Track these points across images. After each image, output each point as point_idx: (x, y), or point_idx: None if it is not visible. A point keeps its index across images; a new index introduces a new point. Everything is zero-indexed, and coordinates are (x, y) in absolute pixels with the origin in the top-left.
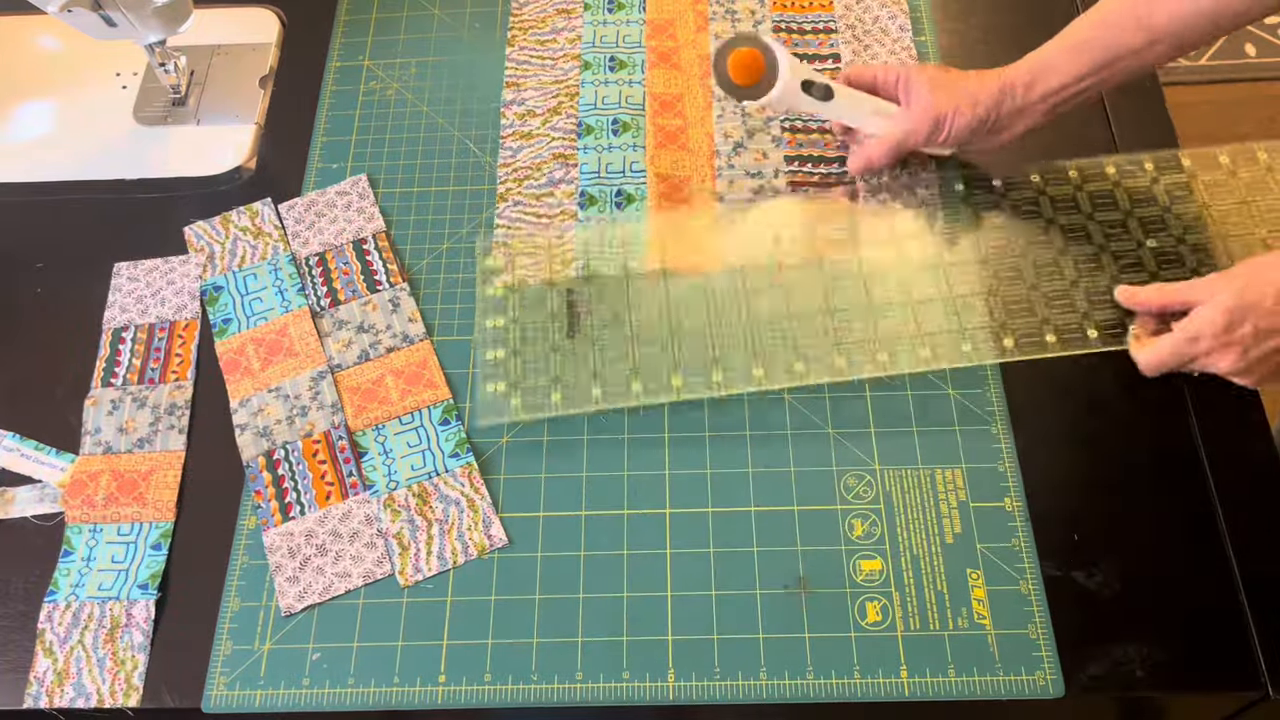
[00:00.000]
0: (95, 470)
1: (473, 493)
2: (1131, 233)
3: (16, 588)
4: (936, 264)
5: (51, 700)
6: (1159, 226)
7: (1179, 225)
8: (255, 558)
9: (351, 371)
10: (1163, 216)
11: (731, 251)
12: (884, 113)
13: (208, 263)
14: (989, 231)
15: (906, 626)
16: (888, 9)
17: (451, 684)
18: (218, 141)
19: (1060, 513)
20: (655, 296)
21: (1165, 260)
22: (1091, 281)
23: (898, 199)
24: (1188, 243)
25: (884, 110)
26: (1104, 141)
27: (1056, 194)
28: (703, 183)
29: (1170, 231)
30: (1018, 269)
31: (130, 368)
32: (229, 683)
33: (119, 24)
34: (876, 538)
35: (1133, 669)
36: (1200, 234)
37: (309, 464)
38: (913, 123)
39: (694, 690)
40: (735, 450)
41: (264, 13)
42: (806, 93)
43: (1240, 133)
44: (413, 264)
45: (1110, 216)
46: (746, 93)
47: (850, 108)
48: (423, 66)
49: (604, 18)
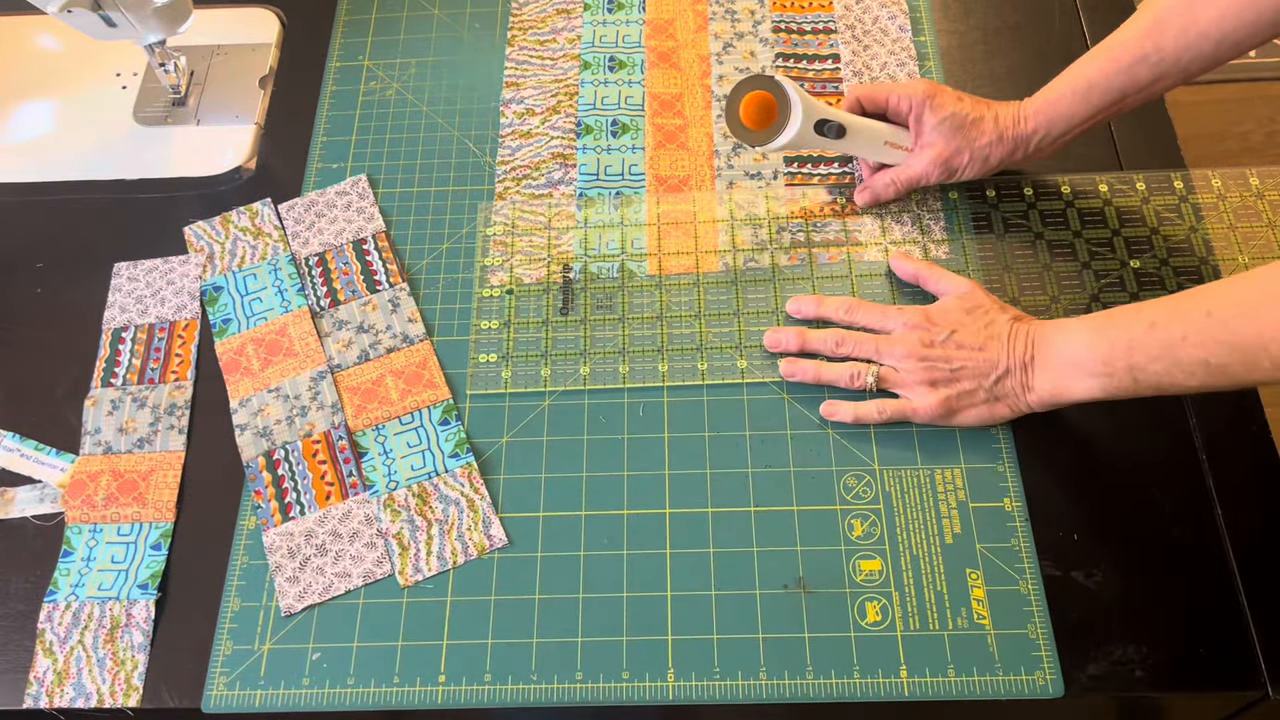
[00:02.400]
0: (95, 470)
1: (472, 493)
2: (1117, 252)
3: (16, 588)
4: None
5: (51, 700)
6: (1145, 248)
7: (1164, 248)
8: (255, 558)
9: (351, 372)
10: (1150, 238)
11: (725, 244)
12: (897, 143)
13: (208, 263)
14: (977, 241)
15: (906, 626)
16: (888, 9)
17: (451, 684)
18: (218, 141)
19: (1060, 513)
20: (648, 284)
21: (1146, 281)
22: (1071, 299)
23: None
24: (1171, 265)
25: (897, 141)
26: (1103, 139)
27: (1047, 208)
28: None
29: (1155, 253)
30: (1002, 282)
31: (130, 368)
32: (229, 683)
33: (119, 24)
34: (876, 538)
35: (1132, 669)
36: (1184, 257)
37: (309, 464)
38: (924, 167)
39: (694, 690)
40: (735, 450)
41: (264, 13)
42: (820, 133)
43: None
44: (413, 264)
45: (1098, 234)
46: (758, 137)
47: (864, 143)
48: (423, 66)
49: (604, 18)
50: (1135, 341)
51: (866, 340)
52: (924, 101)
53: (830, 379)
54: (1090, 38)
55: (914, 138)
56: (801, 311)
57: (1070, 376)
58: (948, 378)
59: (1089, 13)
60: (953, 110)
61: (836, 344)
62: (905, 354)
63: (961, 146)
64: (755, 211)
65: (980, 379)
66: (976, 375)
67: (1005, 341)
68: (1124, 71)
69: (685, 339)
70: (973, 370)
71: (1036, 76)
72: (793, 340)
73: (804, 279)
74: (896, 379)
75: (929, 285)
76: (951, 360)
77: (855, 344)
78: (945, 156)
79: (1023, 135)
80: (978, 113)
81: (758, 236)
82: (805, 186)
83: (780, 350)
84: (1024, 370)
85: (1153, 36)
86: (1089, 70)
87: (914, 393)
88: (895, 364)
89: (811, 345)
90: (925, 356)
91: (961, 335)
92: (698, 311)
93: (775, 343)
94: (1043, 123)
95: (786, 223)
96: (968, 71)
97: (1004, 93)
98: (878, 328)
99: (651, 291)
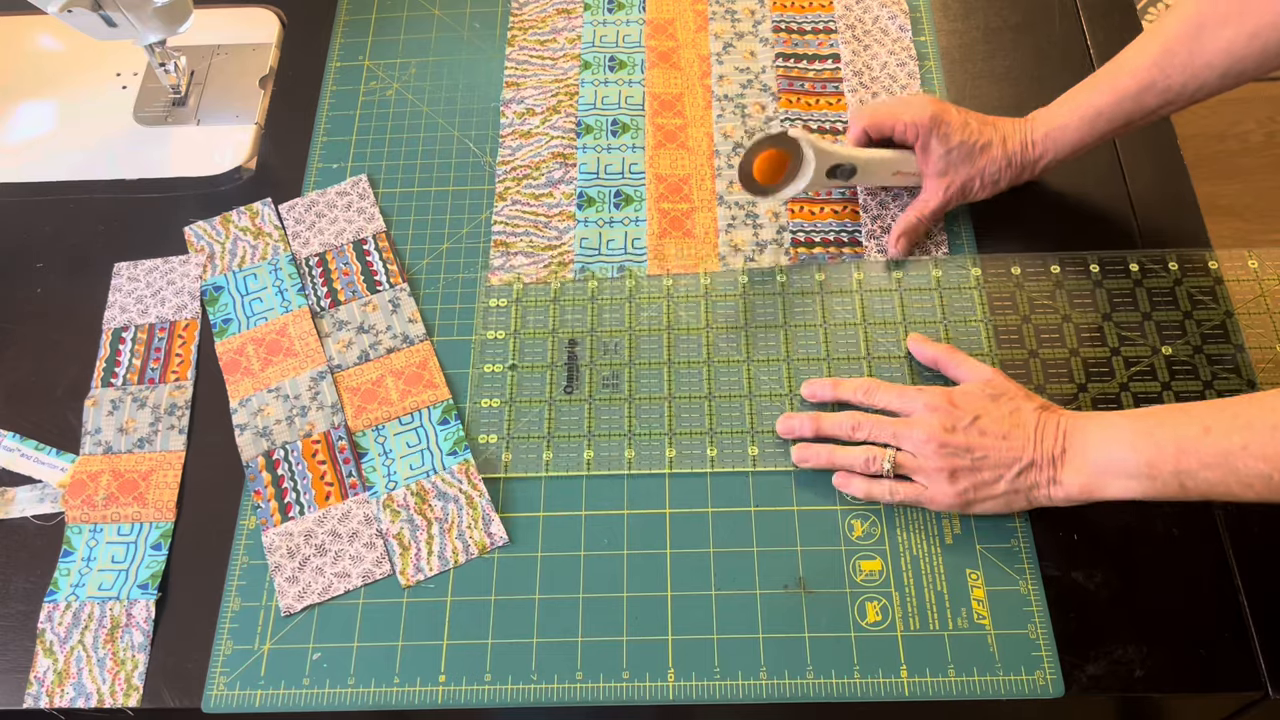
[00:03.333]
0: (95, 470)
1: (471, 490)
2: (1148, 337)
3: (16, 588)
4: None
5: (51, 700)
6: (1177, 333)
7: (1198, 333)
8: (255, 558)
9: (351, 372)
10: (1183, 322)
11: (726, 246)
12: (905, 170)
13: (208, 263)
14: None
15: (906, 626)
16: (888, 9)
17: (451, 684)
18: (218, 141)
19: (1060, 513)
20: (657, 355)
21: (1179, 370)
22: (1100, 388)
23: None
24: (1205, 353)
25: (905, 169)
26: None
27: (1074, 287)
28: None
29: (1189, 339)
30: (1028, 368)
31: (130, 368)
32: (229, 683)
33: (119, 24)
34: (876, 538)
35: (1132, 669)
36: (1219, 345)
37: (309, 464)
38: (943, 198)
39: (694, 690)
40: (736, 450)
41: (264, 13)
42: (832, 178)
43: (1240, 132)
44: (413, 264)
45: (1129, 318)
46: (772, 190)
47: (874, 176)
48: (423, 66)
49: (604, 18)
50: (1186, 446)
51: (884, 424)
52: (930, 130)
53: (845, 464)
54: (1090, 37)
55: (921, 165)
56: (817, 395)
57: (1107, 476)
58: (969, 467)
59: (1089, 12)
60: (960, 140)
61: (853, 429)
62: (925, 439)
63: (973, 175)
64: (755, 211)
65: (1002, 470)
66: (998, 466)
67: (1032, 432)
68: (1131, 99)
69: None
70: (995, 461)
71: (1036, 76)
72: (807, 426)
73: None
74: (914, 465)
75: (949, 371)
76: (974, 449)
77: (872, 428)
78: (959, 184)
79: (1030, 159)
80: (985, 137)
81: (758, 237)
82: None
83: (793, 437)
84: (1052, 465)
85: (1160, 65)
86: (1096, 100)
87: (931, 480)
88: (914, 449)
89: (826, 430)
90: (946, 443)
91: (985, 422)
92: (706, 389)
93: (789, 430)
94: (1050, 148)
95: (787, 222)
96: (968, 71)
97: (1004, 92)
98: (897, 409)
99: (659, 353)
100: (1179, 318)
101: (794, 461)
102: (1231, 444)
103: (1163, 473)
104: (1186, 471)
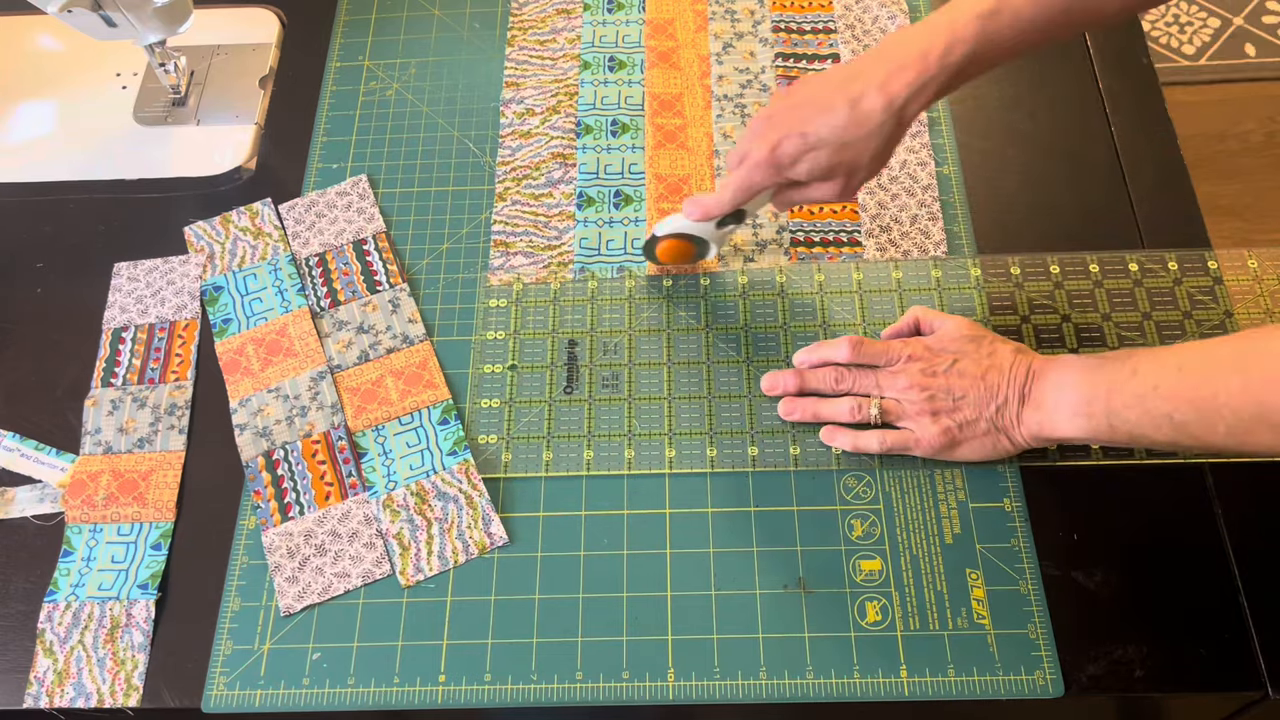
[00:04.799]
0: (95, 470)
1: (470, 489)
2: (1148, 337)
3: (16, 588)
4: None
5: (51, 700)
6: (1177, 334)
7: (1197, 334)
8: (255, 558)
9: (351, 372)
10: (1182, 322)
11: (725, 246)
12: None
13: (208, 263)
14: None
15: (906, 626)
16: (887, 9)
17: (451, 684)
18: (218, 141)
19: (1060, 513)
20: (657, 356)
21: None
22: None
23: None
24: None
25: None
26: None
27: (1074, 288)
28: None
29: (1188, 340)
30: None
31: (130, 368)
32: (229, 683)
33: (119, 24)
34: (876, 538)
35: (1132, 669)
36: None
37: (308, 464)
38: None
39: (694, 690)
40: (735, 450)
41: (264, 13)
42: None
43: (1240, 132)
44: (413, 264)
45: (1129, 318)
46: (684, 266)
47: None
48: (423, 66)
49: (604, 18)
50: (1115, 386)
51: (867, 375)
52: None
53: (830, 414)
54: (1089, 36)
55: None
56: (805, 361)
57: (1057, 414)
58: (950, 407)
59: None
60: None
61: (836, 381)
62: (908, 385)
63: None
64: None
65: (982, 408)
66: (978, 404)
67: (1007, 371)
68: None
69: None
70: (975, 399)
71: (1036, 75)
72: (791, 382)
73: (815, 325)
74: (899, 410)
75: (927, 327)
76: (954, 389)
77: (855, 379)
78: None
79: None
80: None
81: (758, 237)
82: None
83: (778, 393)
84: (1020, 402)
85: None
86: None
87: (917, 423)
88: (898, 395)
89: (810, 385)
90: (927, 386)
91: (964, 364)
92: (706, 390)
93: (773, 386)
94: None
95: (787, 222)
96: None
97: (1003, 91)
98: (881, 363)
99: (659, 354)
100: (1178, 318)
101: (780, 415)
102: (1146, 384)
103: (1096, 412)
104: (1114, 411)
